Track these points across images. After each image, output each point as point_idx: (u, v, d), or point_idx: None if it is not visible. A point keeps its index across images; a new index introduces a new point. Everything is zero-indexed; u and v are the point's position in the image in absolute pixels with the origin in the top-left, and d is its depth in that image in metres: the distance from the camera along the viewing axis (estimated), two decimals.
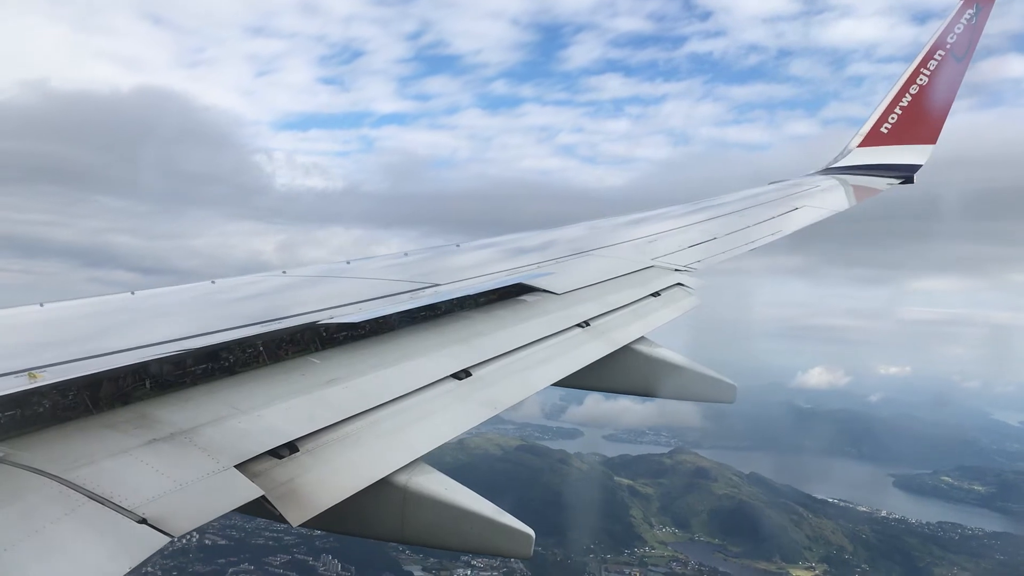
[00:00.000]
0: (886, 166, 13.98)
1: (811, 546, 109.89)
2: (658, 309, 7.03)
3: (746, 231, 10.24)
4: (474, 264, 7.50)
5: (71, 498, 2.72)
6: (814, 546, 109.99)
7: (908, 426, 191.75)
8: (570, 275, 7.13)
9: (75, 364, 3.79)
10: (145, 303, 5.54)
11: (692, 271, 8.25)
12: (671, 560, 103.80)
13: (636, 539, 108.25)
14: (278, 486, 3.26)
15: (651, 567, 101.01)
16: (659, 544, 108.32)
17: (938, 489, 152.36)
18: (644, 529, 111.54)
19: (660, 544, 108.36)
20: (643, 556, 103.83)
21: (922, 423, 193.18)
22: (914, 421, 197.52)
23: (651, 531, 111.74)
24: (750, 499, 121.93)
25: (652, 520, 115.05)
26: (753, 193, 12.79)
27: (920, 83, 13.93)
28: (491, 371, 4.90)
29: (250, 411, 3.64)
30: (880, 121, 14.22)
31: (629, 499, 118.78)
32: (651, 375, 6.23)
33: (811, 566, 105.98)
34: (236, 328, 4.30)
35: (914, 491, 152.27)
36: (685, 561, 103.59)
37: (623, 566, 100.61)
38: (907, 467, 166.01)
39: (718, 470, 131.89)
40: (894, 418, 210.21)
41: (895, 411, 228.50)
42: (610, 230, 9.78)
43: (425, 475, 3.78)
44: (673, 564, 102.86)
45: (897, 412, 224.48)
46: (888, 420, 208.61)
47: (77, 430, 3.14)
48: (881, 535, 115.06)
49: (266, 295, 6.02)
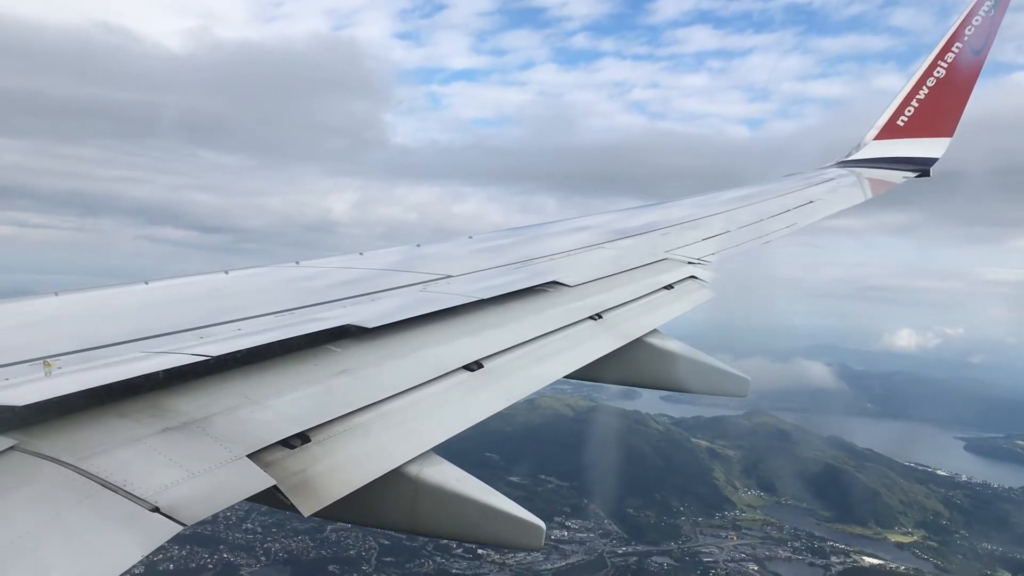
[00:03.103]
0: (902, 159, 13.87)
1: (905, 511, 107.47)
2: (671, 302, 7.01)
3: (760, 224, 10.20)
4: (486, 255, 7.49)
5: (85, 486, 2.73)
6: (908, 511, 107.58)
7: (969, 389, 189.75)
8: (583, 267, 7.12)
9: (86, 353, 3.82)
10: (157, 296, 5.56)
11: (706, 264, 8.22)
12: (764, 524, 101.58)
13: (724, 502, 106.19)
14: (290, 476, 3.27)
15: (745, 531, 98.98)
16: (748, 507, 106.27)
17: (1014, 453, 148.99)
18: (730, 492, 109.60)
19: (749, 507, 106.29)
20: (735, 519, 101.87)
21: (981, 385, 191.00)
22: (975, 384, 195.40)
23: (737, 493, 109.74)
24: (836, 463, 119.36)
25: (736, 483, 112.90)
26: (768, 186, 12.73)
27: (937, 76, 13.81)
28: (503, 362, 4.89)
29: (263, 401, 3.64)
30: (897, 114, 14.11)
31: (710, 461, 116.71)
32: (663, 368, 6.22)
33: (908, 531, 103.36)
34: (256, 334, 4.28)
35: (988, 455, 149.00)
36: (779, 525, 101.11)
37: (717, 529, 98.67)
38: (975, 431, 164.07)
39: (798, 433, 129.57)
40: (951, 380, 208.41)
41: (950, 373, 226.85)
42: (623, 222, 9.76)
43: (436, 466, 3.79)
44: (767, 528, 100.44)
45: (952, 374, 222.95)
46: (945, 382, 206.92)
47: (91, 419, 3.15)
48: (975, 500, 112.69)
49: (283, 289, 6.02)
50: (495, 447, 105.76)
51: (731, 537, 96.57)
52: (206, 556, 78.78)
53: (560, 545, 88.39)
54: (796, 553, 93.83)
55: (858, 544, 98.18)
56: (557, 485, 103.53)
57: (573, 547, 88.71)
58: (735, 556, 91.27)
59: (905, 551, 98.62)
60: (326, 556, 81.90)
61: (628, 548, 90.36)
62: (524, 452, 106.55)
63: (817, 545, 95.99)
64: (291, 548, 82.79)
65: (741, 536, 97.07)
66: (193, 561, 77.62)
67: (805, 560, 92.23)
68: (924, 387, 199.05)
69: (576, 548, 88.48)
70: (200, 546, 78.99)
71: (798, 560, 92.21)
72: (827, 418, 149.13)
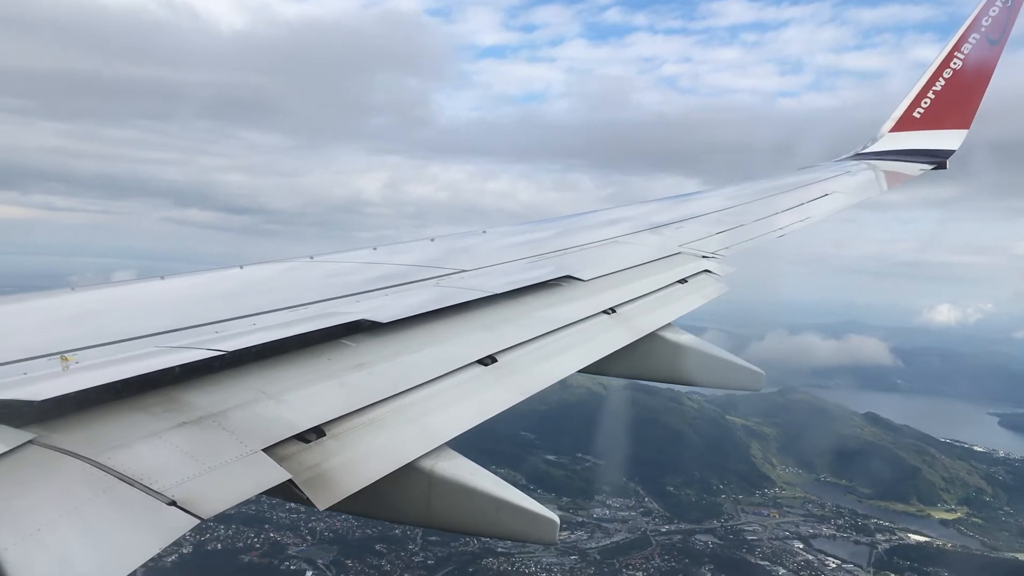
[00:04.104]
0: (919, 151, 13.77)
1: (948, 488, 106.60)
2: (685, 296, 6.99)
3: (775, 217, 10.15)
4: (500, 249, 7.49)
5: (103, 480, 2.76)
6: (951, 488, 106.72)
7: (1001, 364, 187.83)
8: (596, 261, 7.11)
9: (103, 348, 3.85)
10: (172, 291, 5.59)
11: (719, 258, 8.19)
12: (805, 502, 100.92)
13: (763, 479, 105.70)
14: (305, 470, 3.29)
15: (786, 508, 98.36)
16: (787, 485, 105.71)
17: None
18: (768, 469, 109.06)
19: (788, 485, 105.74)
20: (775, 497, 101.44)
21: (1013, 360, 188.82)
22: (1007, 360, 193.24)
23: (775, 471, 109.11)
24: (874, 439, 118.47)
25: (773, 460, 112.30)
26: (783, 179, 12.67)
27: (954, 67, 13.69)
28: (517, 357, 4.89)
29: (278, 395, 3.66)
30: (913, 106, 14.00)
31: (746, 439, 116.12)
32: (677, 362, 6.21)
33: (952, 508, 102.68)
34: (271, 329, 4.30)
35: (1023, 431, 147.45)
36: (820, 503, 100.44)
37: (758, 507, 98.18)
38: (1008, 406, 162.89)
39: (834, 410, 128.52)
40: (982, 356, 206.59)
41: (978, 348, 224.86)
42: (636, 216, 9.74)
43: (450, 460, 3.80)
44: (809, 506, 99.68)
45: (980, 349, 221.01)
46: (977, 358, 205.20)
47: (108, 413, 3.18)
48: (1016, 476, 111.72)
49: (297, 283, 6.04)
50: (530, 426, 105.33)
51: (773, 515, 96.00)
52: (252, 536, 79.31)
53: (603, 524, 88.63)
54: (840, 531, 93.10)
55: (902, 521, 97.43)
56: (594, 463, 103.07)
57: (616, 525, 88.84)
58: (778, 534, 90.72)
59: (950, 528, 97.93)
60: (372, 535, 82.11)
61: (671, 526, 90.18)
62: (559, 430, 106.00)
63: (861, 523, 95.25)
64: (336, 527, 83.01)
65: (783, 514, 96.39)
66: (240, 540, 78.25)
67: (850, 538, 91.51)
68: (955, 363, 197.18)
69: (619, 527, 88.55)
70: (246, 526, 79.58)
71: (843, 538, 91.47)
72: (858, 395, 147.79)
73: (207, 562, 73.80)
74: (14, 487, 2.58)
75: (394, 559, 78.66)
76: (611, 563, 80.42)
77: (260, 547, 78.44)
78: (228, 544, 77.55)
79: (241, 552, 77.23)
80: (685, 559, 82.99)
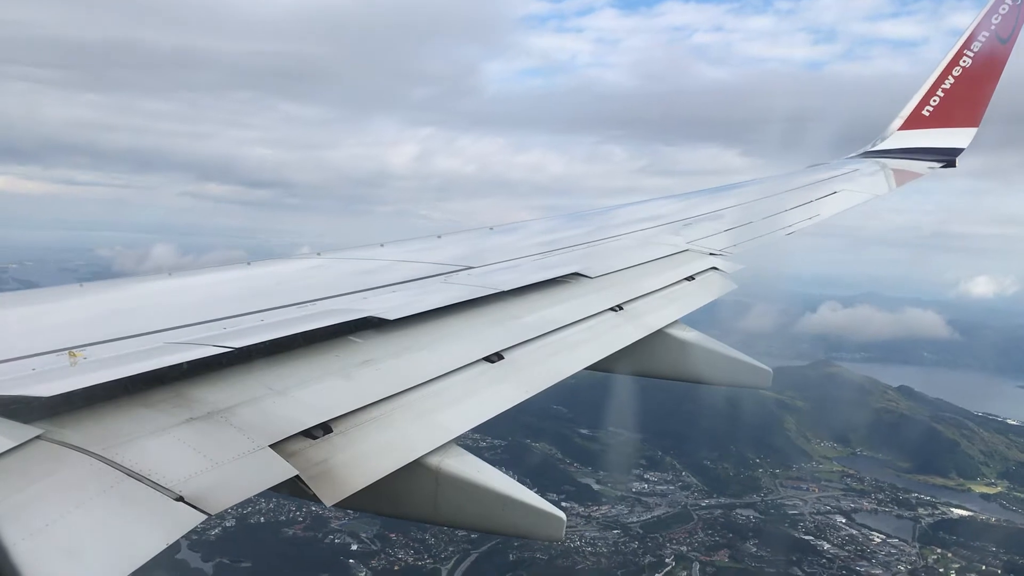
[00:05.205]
0: (927, 149, 13.71)
1: (987, 462, 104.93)
2: (692, 293, 6.98)
3: (782, 215, 10.13)
4: (507, 246, 7.49)
5: (110, 475, 2.76)
6: (990, 462, 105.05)
7: None
8: (604, 258, 7.10)
9: (111, 344, 3.86)
10: (180, 287, 5.60)
11: (727, 255, 8.18)
12: (844, 476, 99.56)
13: (800, 453, 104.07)
14: (312, 466, 3.29)
15: (825, 482, 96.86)
16: (823, 459, 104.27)
17: None
18: (803, 443, 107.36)
19: (824, 459, 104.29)
20: (813, 471, 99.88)
21: None
22: None
23: (810, 445, 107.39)
24: (910, 413, 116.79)
25: (807, 434, 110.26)
26: (792, 177, 12.64)
27: (963, 65, 13.62)
28: (524, 354, 4.89)
29: (285, 392, 3.67)
30: (922, 104, 13.93)
31: (780, 412, 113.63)
32: (684, 360, 6.20)
33: (992, 482, 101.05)
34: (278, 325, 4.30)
35: None
36: (859, 477, 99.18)
37: (796, 481, 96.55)
38: None
39: (868, 383, 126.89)
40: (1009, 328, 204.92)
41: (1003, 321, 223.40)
42: (644, 212, 9.73)
43: (457, 457, 3.80)
44: (847, 480, 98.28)
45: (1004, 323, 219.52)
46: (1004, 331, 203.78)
47: (116, 409, 3.18)
48: None
49: (304, 280, 6.05)
50: (562, 400, 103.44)
51: (812, 489, 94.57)
52: (294, 509, 78.24)
53: (643, 498, 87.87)
54: (881, 505, 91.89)
55: (943, 496, 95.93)
56: (629, 437, 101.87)
57: (656, 499, 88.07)
58: (820, 508, 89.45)
59: (992, 502, 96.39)
60: None
61: (711, 500, 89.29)
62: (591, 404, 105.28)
63: (902, 497, 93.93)
64: None
65: (822, 488, 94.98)
66: (282, 514, 77.60)
67: (892, 512, 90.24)
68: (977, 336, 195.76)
69: (659, 501, 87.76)
70: (287, 499, 79.31)
71: (885, 512, 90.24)
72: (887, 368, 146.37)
73: (250, 536, 73.88)
74: (23, 482, 2.58)
75: (438, 532, 77.89)
76: (654, 537, 79.67)
77: (303, 520, 77.65)
78: (271, 517, 77.15)
79: (284, 526, 76.73)
80: (729, 533, 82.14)
